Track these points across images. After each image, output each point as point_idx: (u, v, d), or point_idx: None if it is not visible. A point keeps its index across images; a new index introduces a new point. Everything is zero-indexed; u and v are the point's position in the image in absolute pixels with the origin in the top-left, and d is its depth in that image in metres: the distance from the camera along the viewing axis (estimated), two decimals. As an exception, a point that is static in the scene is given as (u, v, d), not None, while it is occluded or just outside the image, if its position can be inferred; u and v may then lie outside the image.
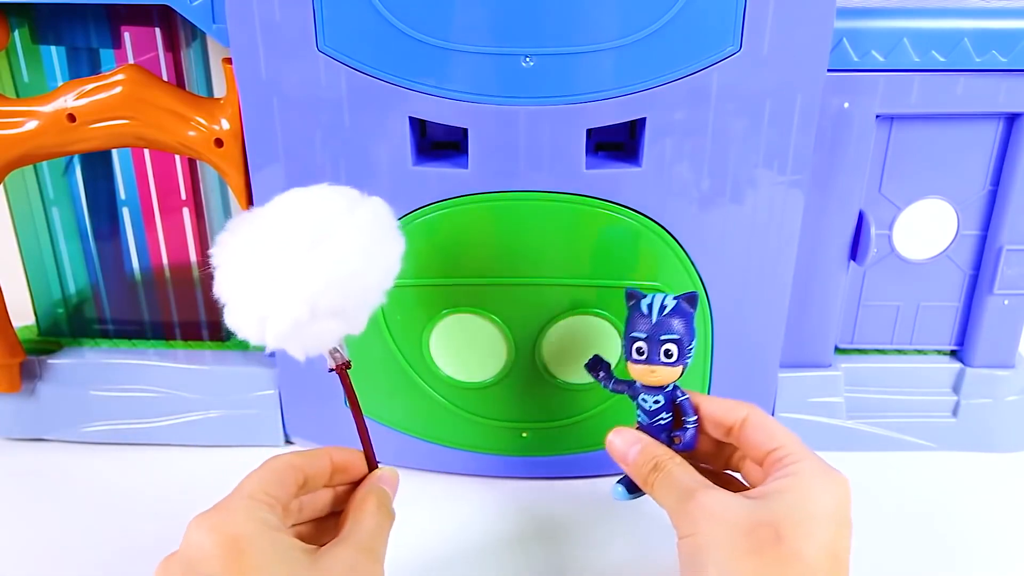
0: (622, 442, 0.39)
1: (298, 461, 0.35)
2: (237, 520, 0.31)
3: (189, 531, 0.31)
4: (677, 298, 0.38)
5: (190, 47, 0.51)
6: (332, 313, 0.33)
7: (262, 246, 0.33)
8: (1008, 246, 0.50)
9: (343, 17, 0.41)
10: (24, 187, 0.54)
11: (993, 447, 0.55)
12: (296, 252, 0.33)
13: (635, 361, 0.38)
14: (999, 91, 0.46)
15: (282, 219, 0.34)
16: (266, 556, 0.30)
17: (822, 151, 0.47)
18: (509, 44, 0.40)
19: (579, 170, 0.44)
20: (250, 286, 0.33)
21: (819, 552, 0.32)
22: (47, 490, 0.52)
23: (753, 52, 0.41)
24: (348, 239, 0.34)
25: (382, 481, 0.38)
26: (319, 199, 0.35)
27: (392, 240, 0.36)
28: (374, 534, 0.35)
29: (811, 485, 0.34)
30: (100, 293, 0.57)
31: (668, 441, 0.39)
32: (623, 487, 0.41)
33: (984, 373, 0.53)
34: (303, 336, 0.34)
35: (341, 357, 0.37)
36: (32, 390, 0.54)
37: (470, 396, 0.50)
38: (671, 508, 0.36)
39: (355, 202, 0.36)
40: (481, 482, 0.52)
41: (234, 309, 0.34)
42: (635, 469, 0.38)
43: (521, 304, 0.47)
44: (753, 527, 0.32)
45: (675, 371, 0.38)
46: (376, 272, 0.35)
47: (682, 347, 0.38)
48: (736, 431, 0.38)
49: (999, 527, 0.49)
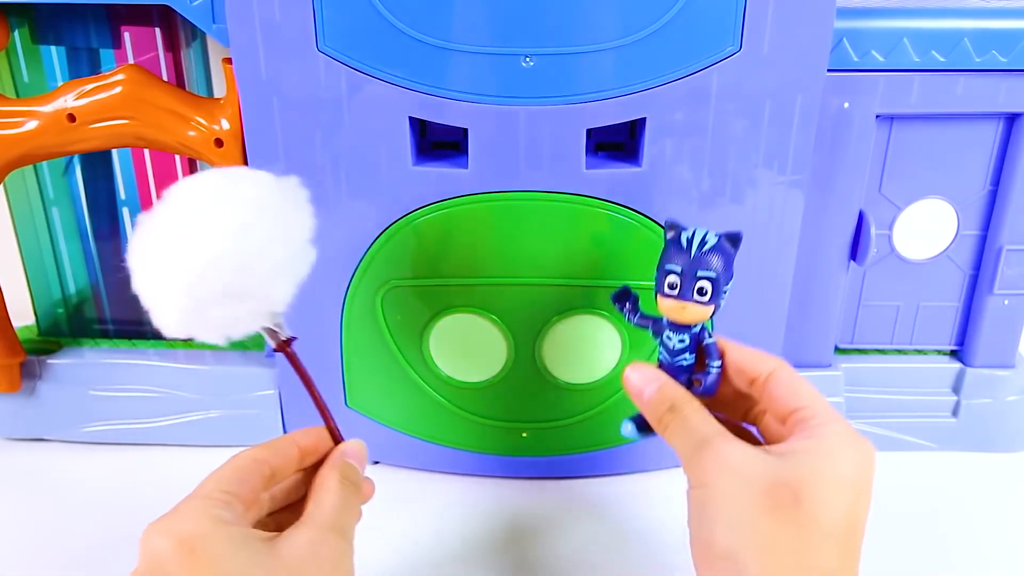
0: (639, 378, 0.37)
1: (262, 455, 0.35)
2: (188, 520, 0.31)
3: (142, 539, 0.31)
4: (720, 235, 0.36)
5: (190, 47, 0.51)
6: (227, 295, 0.32)
7: (148, 240, 0.33)
8: (1008, 246, 0.50)
9: (343, 17, 0.41)
10: (24, 187, 0.54)
11: (993, 447, 0.55)
12: (170, 240, 0.32)
13: (666, 295, 0.36)
14: (999, 91, 0.46)
15: (161, 210, 0.33)
16: (220, 552, 0.30)
17: (822, 151, 0.47)
18: (509, 44, 0.40)
19: (579, 170, 0.44)
20: (143, 282, 0.33)
21: (837, 519, 0.31)
22: (47, 490, 0.52)
23: (753, 52, 0.41)
24: (222, 218, 0.32)
25: (347, 455, 0.37)
26: (197, 184, 0.34)
27: (283, 210, 0.35)
28: (337, 510, 0.34)
29: (837, 450, 0.32)
30: (100, 293, 0.57)
31: (688, 384, 0.37)
32: (634, 425, 0.38)
33: (984, 373, 0.53)
34: (206, 322, 0.33)
35: (280, 335, 0.36)
36: (32, 390, 0.54)
37: (470, 396, 0.50)
38: (685, 455, 0.34)
39: (233, 178, 0.35)
40: (481, 482, 0.52)
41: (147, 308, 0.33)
42: (650, 408, 0.36)
43: (521, 304, 0.47)
44: (772, 485, 0.31)
45: (706, 310, 0.36)
46: (262, 243, 0.33)
47: (717, 286, 0.35)
48: (761, 384, 0.36)
49: (999, 527, 0.49)
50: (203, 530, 0.30)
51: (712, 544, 0.31)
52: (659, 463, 0.53)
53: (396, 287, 0.47)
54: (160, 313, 0.33)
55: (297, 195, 0.36)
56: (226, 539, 0.31)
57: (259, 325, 0.35)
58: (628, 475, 0.53)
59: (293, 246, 0.35)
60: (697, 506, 0.32)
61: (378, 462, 0.54)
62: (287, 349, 0.36)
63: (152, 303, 0.33)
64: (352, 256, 0.47)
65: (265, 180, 0.35)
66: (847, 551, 0.31)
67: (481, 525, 0.49)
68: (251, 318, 0.34)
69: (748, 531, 0.30)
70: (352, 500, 0.35)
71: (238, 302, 0.33)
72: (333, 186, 0.45)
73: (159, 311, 0.33)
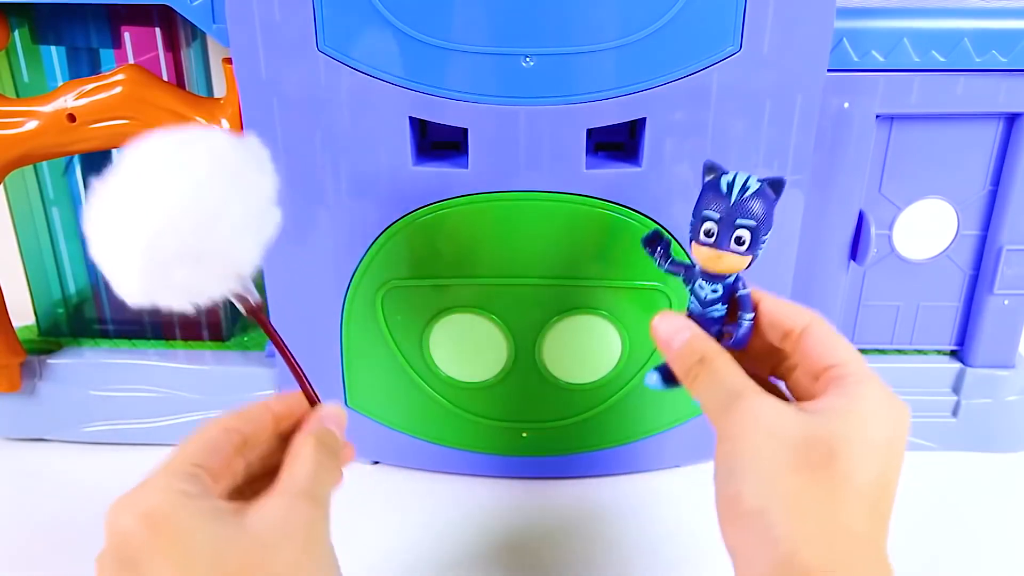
0: (668, 327, 0.34)
1: (233, 423, 0.34)
2: (152, 496, 0.30)
3: (107, 517, 0.30)
4: (762, 180, 0.33)
5: (190, 47, 0.51)
6: (187, 256, 0.31)
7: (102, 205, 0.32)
8: (1008, 246, 0.50)
9: (343, 17, 0.41)
10: (24, 187, 0.54)
11: (993, 447, 0.55)
12: (123, 202, 0.31)
13: (701, 243, 0.34)
14: (999, 91, 0.46)
15: (117, 177, 0.32)
16: (185, 527, 0.29)
17: (822, 151, 0.47)
18: (509, 44, 0.40)
19: (579, 170, 0.44)
20: (100, 249, 0.32)
21: (870, 481, 0.30)
22: (47, 490, 0.52)
23: (753, 52, 0.41)
24: (177, 177, 0.31)
25: (324, 419, 0.36)
26: (149, 146, 0.33)
27: (243, 169, 0.33)
28: (312, 477, 0.32)
29: (872, 410, 0.31)
30: (100, 293, 0.57)
31: (718, 336, 0.35)
32: (659, 375, 0.36)
33: (984, 373, 0.53)
34: (170, 287, 0.32)
35: (249, 299, 0.35)
36: (32, 390, 0.54)
37: (470, 396, 0.50)
38: (714, 408, 0.32)
39: (188, 138, 0.34)
40: (481, 482, 0.52)
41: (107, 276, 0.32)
42: (678, 359, 0.34)
43: (521, 304, 0.47)
44: (806, 442, 0.30)
45: (743, 260, 0.34)
46: (221, 200, 0.32)
47: (757, 235, 0.33)
48: (795, 338, 0.34)
49: (999, 527, 0.49)
50: (168, 506, 0.29)
51: (740, 501, 0.30)
52: (660, 463, 0.53)
53: (396, 287, 0.47)
54: (120, 279, 0.32)
55: (257, 154, 0.34)
56: (192, 514, 0.29)
57: (225, 289, 0.34)
58: (628, 475, 0.53)
59: (254, 205, 0.33)
60: (725, 461, 0.31)
61: (378, 462, 0.54)
62: (258, 314, 0.35)
63: (111, 270, 0.32)
64: (352, 256, 0.47)
65: (221, 139, 0.34)
66: (878, 514, 0.30)
67: (481, 525, 0.49)
68: (216, 281, 0.33)
69: (778, 488, 0.29)
70: (329, 466, 0.34)
71: (200, 264, 0.32)
72: (333, 186, 0.45)
73: (119, 277, 0.32)
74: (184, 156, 0.32)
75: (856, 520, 0.29)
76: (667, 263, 0.37)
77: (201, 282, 0.32)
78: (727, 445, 0.31)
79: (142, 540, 0.29)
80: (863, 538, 0.30)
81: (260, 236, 0.33)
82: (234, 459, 0.33)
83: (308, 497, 0.32)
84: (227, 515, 0.30)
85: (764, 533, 0.29)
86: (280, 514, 0.31)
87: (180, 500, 0.30)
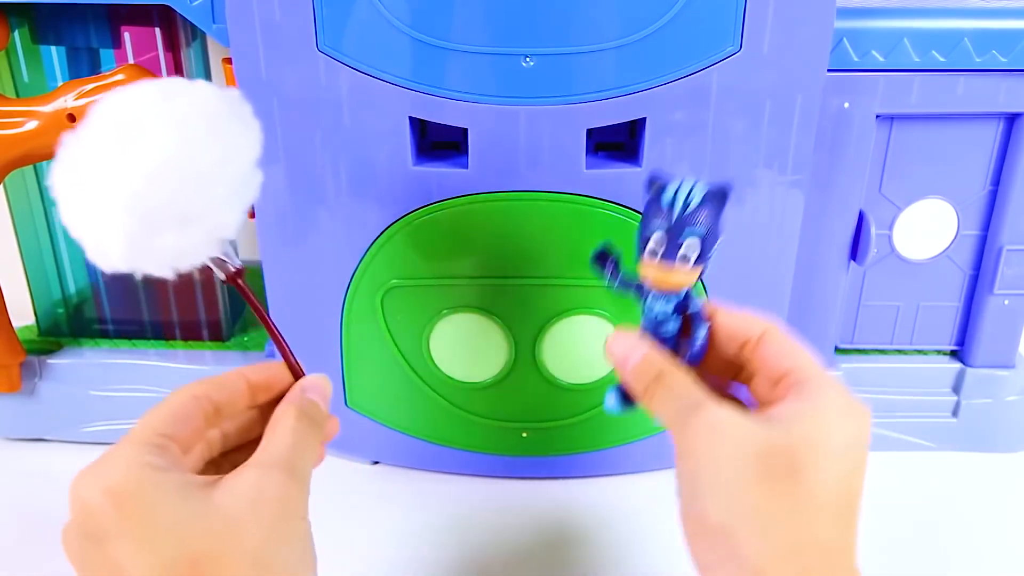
0: (622, 347, 0.34)
1: (202, 390, 0.32)
2: (117, 469, 0.28)
3: (70, 490, 0.29)
4: (706, 189, 0.32)
5: (190, 47, 0.51)
6: (171, 219, 0.29)
7: (77, 161, 0.29)
8: (1008, 246, 0.50)
9: (343, 17, 0.41)
10: (24, 187, 0.54)
11: (993, 447, 0.55)
12: (103, 156, 0.29)
13: (647, 260, 0.33)
14: (999, 91, 0.46)
15: (90, 130, 0.30)
16: (150, 500, 0.28)
17: (822, 151, 0.47)
18: (509, 44, 0.40)
19: (579, 170, 0.44)
20: (74, 209, 0.30)
21: (834, 488, 0.29)
22: (47, 490, 0.52)
23: (753, 52, 0.41)
24: (161, 129, 0.29)
25: (307, 390, 0.34)
26: (128, 96, 0.31)
27: (228, 125, 0.31)
28: (291, 449, 0.31)
29: (832, 415, 0.30)
30: (100, 293, 0.57)
31: (673, 351, 0.34)
32: (616, 396, 0.35)
33: (984, 373, 0.53)
34: (153, 250, 0.30)
35: (229, 265, 0.33)
36: (32, 390, 0.54)
37: (470, 396, 0.50)
38: (672, 422, 0.31)
39: (171, 90, 0.31)
40: (481, 482, 0.52)
41: (82, 241, 0.30)
42: (635, 377, 0.33)
43: (521, 304, 0.47)
44: (767, 452, 0.29)
45: (692, 274, 0.33)
46: (211, 161, 0.30)
47: (704, 248, 0.32)
48: (751, 347, 0.33)
49: (999, 527, 0.49)
50: (133, 479, 0.28)
51: (704, 517, 0.29)
52: (660, 463, 0.53)
53: (396, 287, 0.47)
54: (100, 242, 0.29)
55: (242, 110, 0.32)
56: (157, 487, 0.28)
57: (208, 255, 0.32)
58: (628, 475, 0.53)
59: (241, 164, 0.31)
60: (687, 478, 0.30)
61: (378, 462, 0.54)
62: (238, 281, 0.34)
63: (88, 233, 0.29)
64: (352, 256, 0.47)
65: (206, 91, 0.31)
66: (845, 521, 0.29)
67: (481, 525, 0.49)
68: (200, 247, 0.31)
69: (742, 503, 0.29)
70: (309, 438, 0.32)
71: (185, 226, 0.30)
72: (333, 186, 0.45)
73: (98, 240, 0.29)
74: (168, 108, 0.30)
75: (823, 529, 0.29)
76: (618, 280, 0.36)
77: (185, 246, 0.30)
78: (688, 462, 0.30)
79: (106, 516, 0.28)
80: (831, 547, 0.29)
81: (244, 198, 0.31)
82: (205, 429, 0.32)
83: (284, 469, 0.30)
84: (195, 489, 0.29)
85: (730, 550, 0.28)
86: (251, 487, 0.29)
87: (146, 474, 0.28)
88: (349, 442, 0.52)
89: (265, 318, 0.35)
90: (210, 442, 0.33)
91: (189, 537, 0.28)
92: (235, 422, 0.34)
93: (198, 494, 0.29)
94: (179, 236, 0.30)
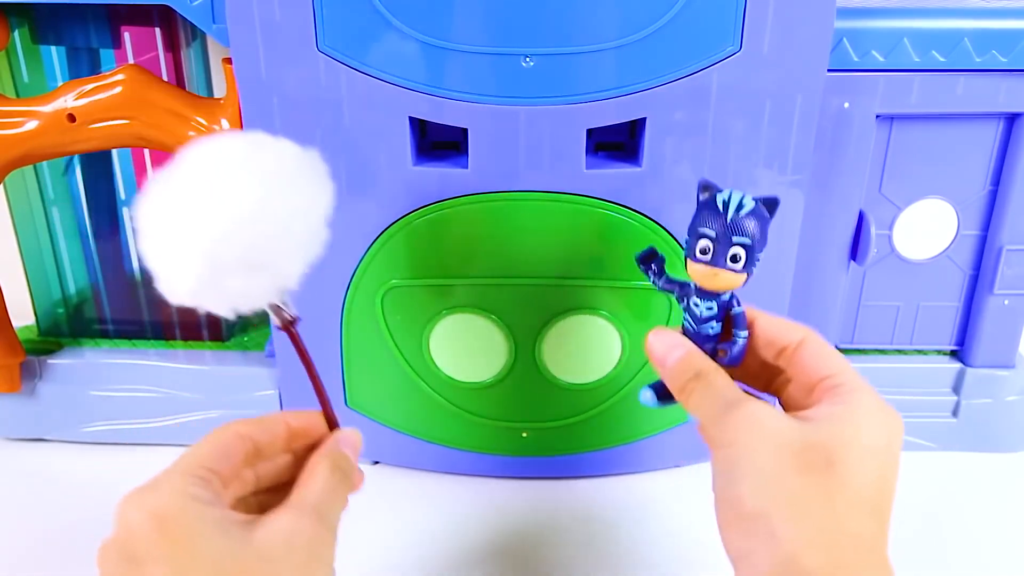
0: (663, 344, 0.35)
1: (246, 430, 0.34)
2: (163, 496, 0.30)
3: (117, 509, 0.30)
4: (756, 199, 0.34)
5: (190, 47, 0.51)
6: (243, 266, 0.31)
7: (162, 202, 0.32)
8: (1008, 246, 0.50)
9: (343, 17, 0.41)
10: (24, 187, 0.54)
11: (993, 447, 0.55)
12: (190, 203, 0.31)
13: (697, 260, 0.34)
14: (999, 91, 0.46)
15: (181, 174, 0.32)
16: (191, 531, 0.29)
17: (822, 151, 0.47)
18: (509, 44, 0.40)
19: (579, 170, 0.44)
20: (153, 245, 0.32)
21: (868, 484, 0.30)
22: (47, 490, 0.52)
23: (753, 52, 0.41)
24: (246, 183, 0.31)
25: (341, 443, 0.36)
26: (216, 147, 0.33)
27: (306, 183, 0.34)
28: (323, 498, 0.33)
29: (867, 417, 0.32)
30: (100, 293, 0.57)
31: (713, 353, 0.35)
32: (653, 393, 0.36)
33: (984, 373, 0.53)
34: (219, 291, 0.32)
35: (286, 313, 0.35)
36: (32, 390, 0.54)
37: (470, 396, 0.50)
38: (710, 418, 0.33)
39: (257, 145, 0.34)
40: (481, 482, 0.52)
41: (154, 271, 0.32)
42: (673, 374, 0.34)
43: (521, 304, 0.47)
44: (804, 446, 0.30)
45: (739, 278, 0.34)
46: (286, 216, 0.32)
47: (752, 253, 0.33)
48: (790, 353, 0.35)
49: (999, 527, 0.49)
50: (177, 507, 0.30)
51: (741, 503, 0.30)
52: (660, 463, 0.53)
53: (396, 287, 0.47)
54: (171, 279, 0.31)
55: (318, 169, 0.35)
56: (199, 519, 0.30)
57: (267, 301, 0.34)
58: (628, 475, 0.53)
59: (313, 221, 0.34)
60: (724, 466, 0.31)
61: (378, 462, 0.54)
62: (291, 329, 0.35)
63: (162, 267, 0.32)
64: (352, 256, 0.47)
65: (288, 149, 0.34)
66: (878, 517, 0.31)
67: (481, 525, 0.49)
68: (262, 293, 0.33)
69: (779, 490, 0.30)
70: (340, 490, 0.34)
71: (252, 274, 0.32)
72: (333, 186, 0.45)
73: (170, 276, 0.31)
74: (254, 163, 0.32)
75: (856, 522, 0.30)
76: (662, 280, 0.37)
77: (249, 292, 0.32)
78: (726, 451, 0.31)
79: (147, 539, 0.29)
80: (864, 540, 0.30)
81: (311, 252, 0.34)
82: (244, 467, 0.34)
83: (316, 516, 0.32)
84: (233, 526, 0.30)
85: (766, 535, 0.29)
86: (286, 530, 0.31)
87: (190, 504, 0.30)
88: (349, 442, 0.52)
89: (312, 370, 0.36)
90: (244, 480, 0.34)
91: (224, 571, 0.29)
92: (270, 464, 0.35)
93: (236, 531, 0.30)
94: (245, 282, 0.32)
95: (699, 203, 0.35)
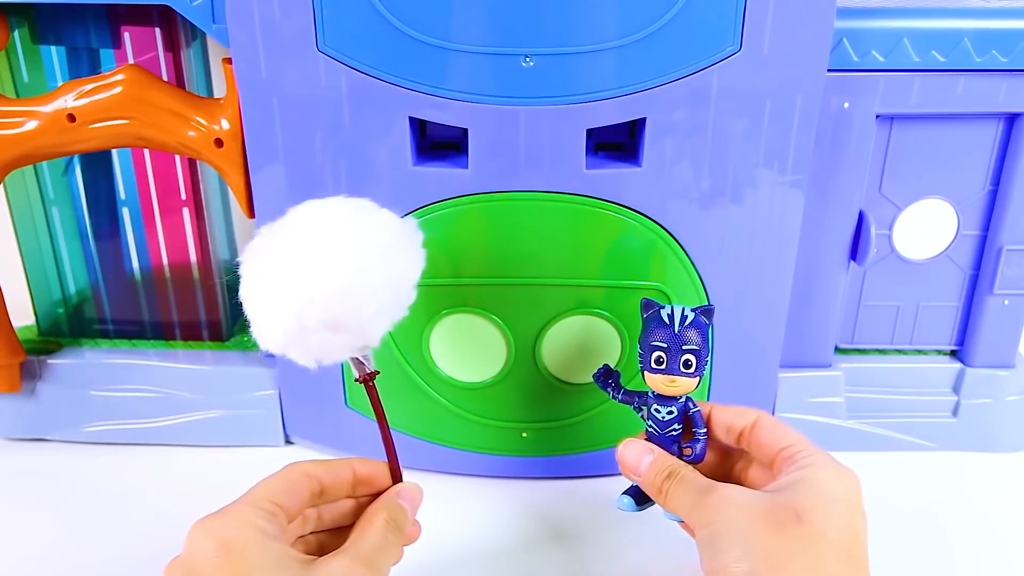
0: (632, 454, 0.39)
1: (315, 470, 0.36)
2: (232, 525, 0.32)
3: (189, 534, 0.32)
4: (695, 310, 0.38)
5: (190, 47, 0.51)
6: (329, 326, 0.33)
7: (265, 257, 0.34)
8: (1008, 246, 0.50)
9: (343, 17, 0.41)
10: (24, 187, 0.54)
11: (993, 447, 0.55)
12: (290, 264, 0.34)
13: (653, 370, 0.38)
14: (999, 91, 0.46)
15: (287, 231, 0.35)
16: (255, 563, 0.31)
17: (822, 151, 0.47)
18: (509, 44, 0.40)
19: (579, 170, 0.44)
20: (252, 296, 0.34)
21: (839, 530, 0.33)
22: (47, 490, 0.52)
23: (753, 52, 0.41)
24: (346, 253, 0.34)
25: (401, 496, 0.38)
26: (324, 211, 0.36)
27: (401, 253, 0.36)
28: (377, 548, 0.35)
29: (824, 473, 0.35)
30: (100, 293, 0.57)
31: (679, 453, 0.40)
32: (630, 498, 0.41)
33: (984, 373, 0.53)
34: (303, 346, 0.34)
35: (365, 368, 0.37)
36: (32, 390, 0.54)
37: (470, 396, 0.50)
38: (689, 508, 0.36)
39: (361, 213, 0.36)
40: (481, 482, 0.52)
41: (249, 317, 0.35)
42: (648, 479, 0.39)
43: (521, 304, 0.47)
44: (773, 508, 0.33)
45: (693, 381, 0.38)
46: (377, 286, 0.34)
47: (700, 358, 0.38)
48: (747, 434, 0.39)
49: (999, 527, 0.49)
50: (244, 538, 0.32)
51: (727, 571, 0.33)
52: (659, 463, 0.53)
53: (396, 287, 0.47)
54: (263, 329, 0.34)
55: (414, 238, 0.37)
56: (263, 552, 0.32)
57: (349, 355, 0.36)
58: (628, 475, 0.53)
59: (403, 289, 0.36)
60: (708, 542, 0.34)
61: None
62: (369, 382, 0.37)
63: (256, 317, 0.34)
64: (352, 256, 0.47)
65: (389, 219, 0.36)
66: (853, 559, 0.33)
67: (481, 525, 0.49)
68: (345, 350, 0.35)
69: (759, 550, 0.32)
70: (393, 542, 0.36)
71: (337, 332, 0.34)
72: (333, 186, 0.45)
73: (263, 327, 0.34)
74: (354, 232, 0.34)
75: (834, 566, 0.32)
76: (620, 394, 0.42)
77: (332, 347, 0.35)
78: (707, 529, 0.35)
79: (213, 564, 0.31)
80: None
81: (395, 316, 0.36)
82: (308, 506, 0.36)
83: (369, 565, 0.34)
84: (293, 563, 0.32)
85: None
86: (339, 575, 0.33)
87: (256, 536, 0.32)
88: (349, 442, 0.52)
89: (383, 422, 0.39)
90: (307, 518, 0.36)
91: None
92: (332, 506, 0.38)
93: (295, 568, 0.32)
94: (331, 338, 0.34)
95: (644, 319, 0.39)
